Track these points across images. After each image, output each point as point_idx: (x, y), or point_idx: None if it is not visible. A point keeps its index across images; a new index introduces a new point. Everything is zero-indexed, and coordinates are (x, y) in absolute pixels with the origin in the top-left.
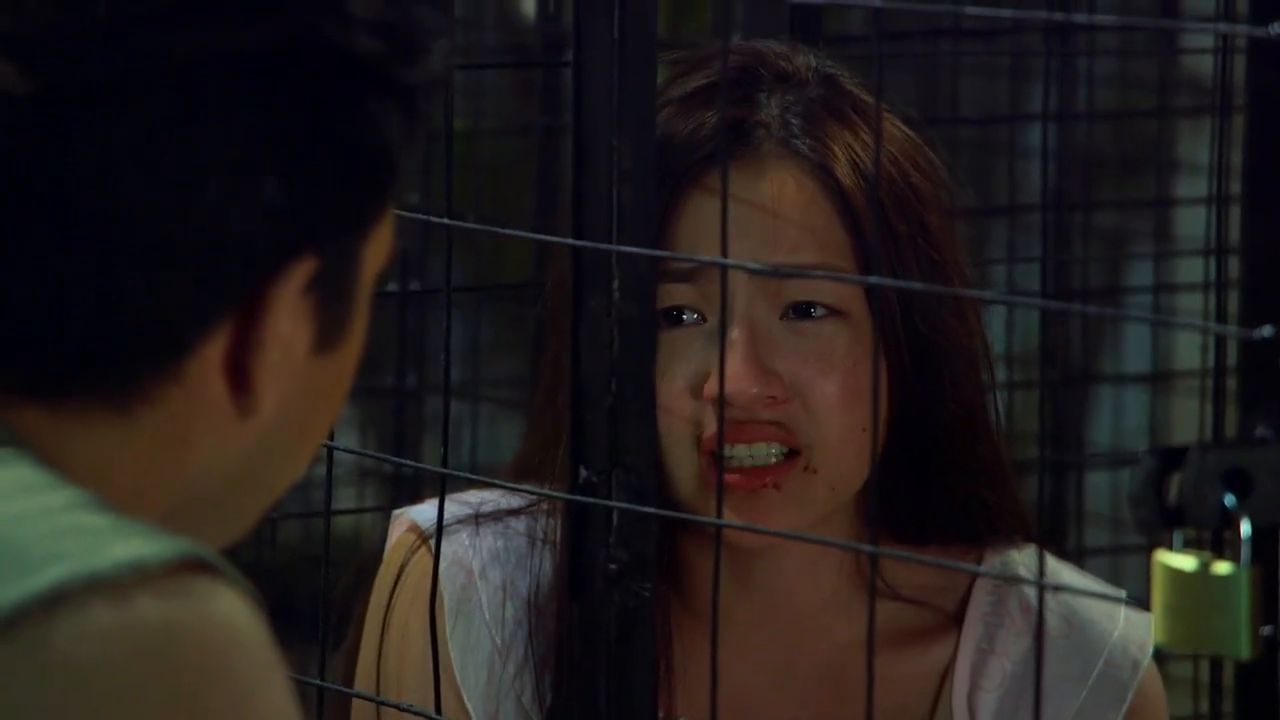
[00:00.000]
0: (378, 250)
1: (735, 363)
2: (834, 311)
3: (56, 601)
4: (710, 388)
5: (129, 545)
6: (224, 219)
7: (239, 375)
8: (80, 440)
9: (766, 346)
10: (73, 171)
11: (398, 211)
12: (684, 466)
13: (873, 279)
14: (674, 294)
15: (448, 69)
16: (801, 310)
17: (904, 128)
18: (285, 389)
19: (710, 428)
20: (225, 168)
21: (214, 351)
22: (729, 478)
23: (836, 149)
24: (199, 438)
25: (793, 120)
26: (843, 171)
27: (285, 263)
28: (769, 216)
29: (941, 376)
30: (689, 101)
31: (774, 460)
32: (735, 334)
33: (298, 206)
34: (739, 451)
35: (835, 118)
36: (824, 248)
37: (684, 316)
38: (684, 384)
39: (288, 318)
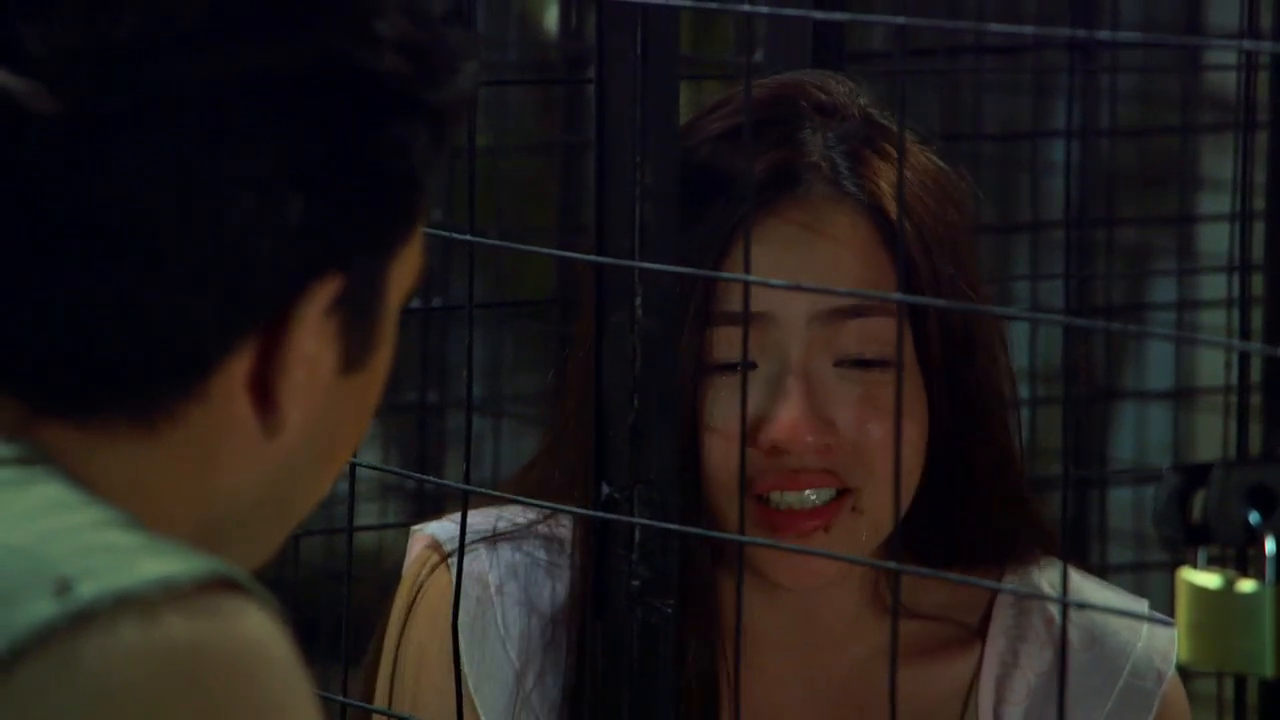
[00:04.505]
0: (405, 271)
1: (792, 413)
2: (885, 362)
3: (86, 619)
4: (764, 436)
5: (158, 563)
6: (249, 239)
7: (264, 394)
8: (107, 458)
9: (822, 396)
10: (99, 190)
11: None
12: (734, 512)
13: (895, 296)
14: (731, 343)
15: (474, 89)
16: (853, 361)
17: (934, 158)
18: (311, 408)
19: (763, 476)
20: (251, 188)
21: (239, 370)
22: (777, 519)
23: (884, 185)
24: (224, 456)
25: (839, 160)
26: (894, 211)
27: (310, 282)
28: (829, 262)
29: (978, 416)
30: (735, 140)
31: (824, 501)
32: (790, 383)
33: (323, 227)
34: (789, 498)
35: (877, 154)
36: (878, 288)
37: (737, 365)
38: (736, 431)
39: (312, 337)
